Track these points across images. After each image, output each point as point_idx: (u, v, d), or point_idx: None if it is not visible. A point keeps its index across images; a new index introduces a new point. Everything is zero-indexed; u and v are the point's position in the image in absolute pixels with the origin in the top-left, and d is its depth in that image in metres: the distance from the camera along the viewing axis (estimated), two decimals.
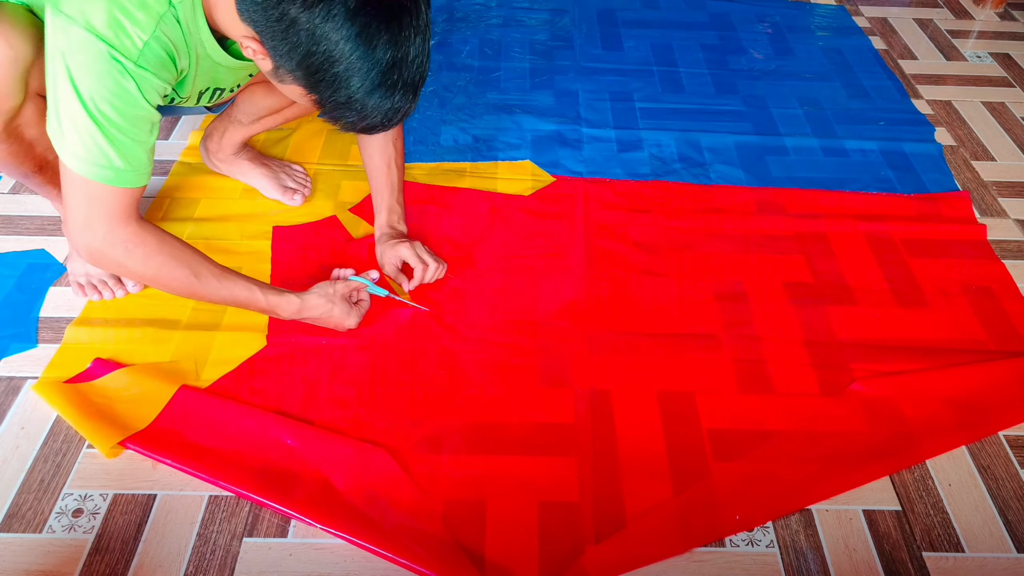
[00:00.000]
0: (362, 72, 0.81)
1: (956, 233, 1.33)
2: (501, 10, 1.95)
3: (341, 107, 0.85)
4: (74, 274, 1.17)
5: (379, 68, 0.82)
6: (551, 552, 0.89)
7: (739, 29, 1.91)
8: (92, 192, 0.88)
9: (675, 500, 0.94)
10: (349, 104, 0.85)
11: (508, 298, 1.19)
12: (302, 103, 0.90)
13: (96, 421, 0.98)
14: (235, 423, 1.00)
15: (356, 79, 0.82)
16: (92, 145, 0.84)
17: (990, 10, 2.02)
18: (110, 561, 0.87)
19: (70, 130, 0.84)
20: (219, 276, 0.99)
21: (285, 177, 1.36)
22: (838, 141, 1.54)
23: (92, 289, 1.16)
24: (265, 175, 1.34)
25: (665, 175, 1.44)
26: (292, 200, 1.33)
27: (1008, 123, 1.62)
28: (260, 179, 1.34)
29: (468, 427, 1.01)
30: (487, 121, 1.56)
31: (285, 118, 1.25)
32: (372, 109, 0.85)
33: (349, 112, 0.86)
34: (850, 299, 1.21)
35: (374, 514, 0.91)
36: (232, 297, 1.01)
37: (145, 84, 0.85)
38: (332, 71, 0.81)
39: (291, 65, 0.82)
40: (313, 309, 1.06)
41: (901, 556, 0.90)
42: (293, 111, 1.24)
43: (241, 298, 1.02)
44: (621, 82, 1.70)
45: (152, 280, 0.97)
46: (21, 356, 1.08)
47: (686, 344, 1.13)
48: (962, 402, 1.06)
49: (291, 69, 0.83)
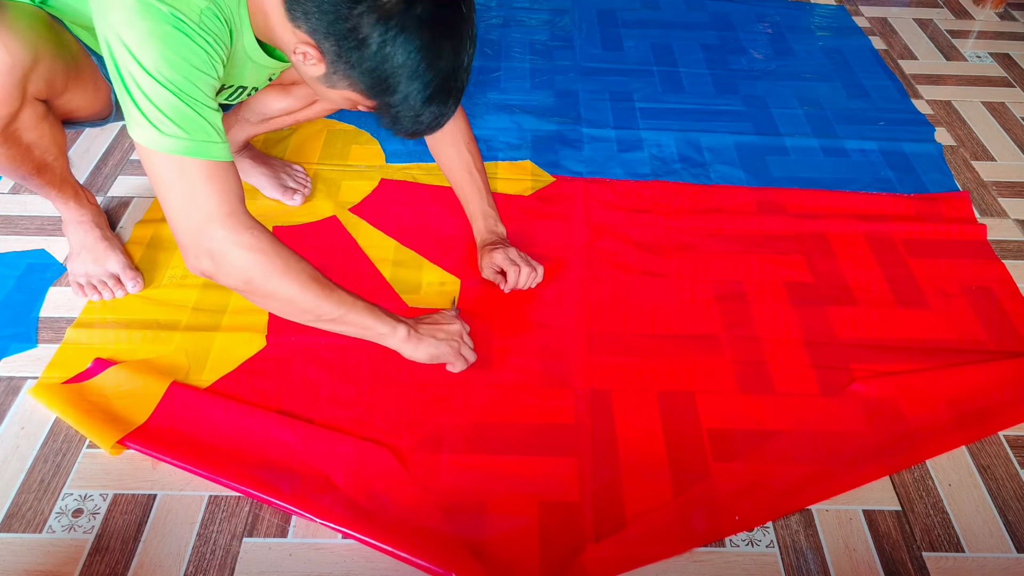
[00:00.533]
0: (426, 81, 0.82)
1: (956, 233, 1.33)
2: (501, 10, 1.95)
3: (395, 113, 0.85)
4: (74, 274, 1.17)
5: (441, 77, 0.82)
6: (551, 552, 0.89)
7: (739, 29, 1.91)
8: (199, 175, 0.81)
9: (675, 500, 0.94)
10: (405, 110, 0.84)
11: (508, 298, 1.19)
12: (344, 106, 0.90)
13: (95, 420, 0.98)
14: (235, 421, 1.00)
15: (418, 87, 0.82)
16: (187, 122, 0.80)
17: (990, 10, 2.02)
18: (110, 561, 0.87)
19: (153, 113, 0.78)
20: (342, 299, 0.93)
21: (285, 177, 1.35)
22: (838, 141, 1.54)
23: (92, 289, 1.16)
24: (265, 174, 1.34)
25: (665, 175, 1.44)
26: (292, 200, 1.33)
27: (1008, 123, 1.62)
28: (260, 178, 1.34)
29: (468, 427, 1.01)
30: (487, 121, 1.56)
31: (296, 120, 1.24)
32: (427, 115, 0.86)
33: (403, 118, 0.86)
34: (850, 299, 1.21)
35: (374, 509, 0.91)
36: (358, 326, 0.97)
37: (209, 49, 0.81)
38: (397, 80, 0.81)
39: (354, 73, 0.81)
40: (446, 355, 1.04)
41: (901, 556, 0.90)
42: (305, 114, 1.23)
43: (362, 325, 0.97)
44: (621, 82, 1.70)
45: (266, 296, 0.89)
46: (21, 356, 1.08)
47: (686, 344, 1.13)
48: (962, 402, 1.06)
49: (351, 76, 0.82)
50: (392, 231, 1.30)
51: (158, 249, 1.25)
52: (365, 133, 1.51)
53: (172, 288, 1.18)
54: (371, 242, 1.28)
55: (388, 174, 1.42)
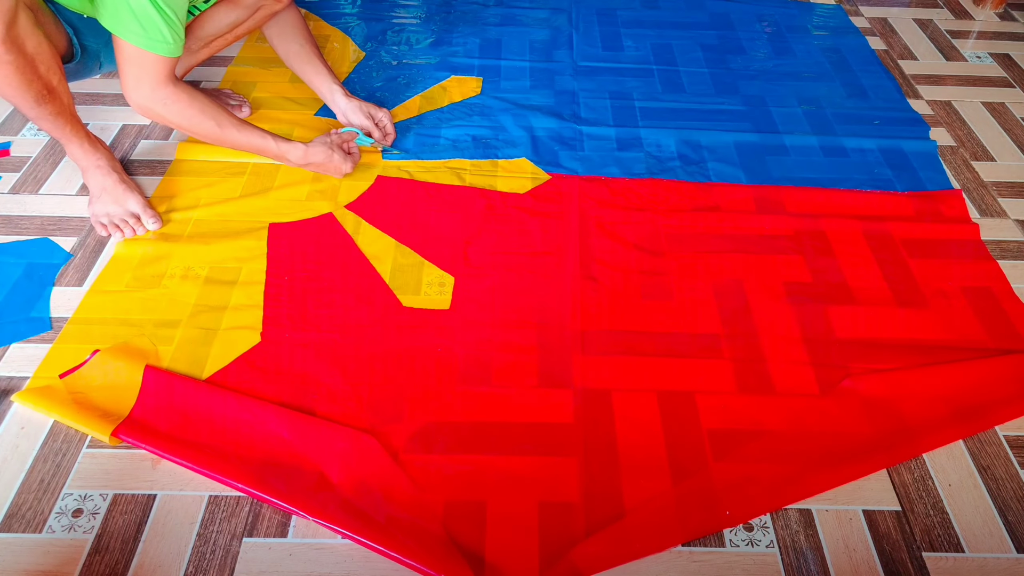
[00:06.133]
0: None
1: (952, 232, 1.33)
2: (500, 8, 1.95)
3: None
4: (96, 215, 1.27)
5: None
6: (551, 552, 0.89)
7: (738, 29, 1.91)
8: (144, 61, 1.12)
9: (670, 493, 0.94)
10: None
11: (504, 296, 1.19)
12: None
13: (86, 415, 0.99)
14: (233, 415, 1.00)
15: None
16: (151, 24, 1.08)
17: (990, 10, 2.02)
18: (110, 561, 0.87)
19: (126, 14, 1.07)
20: (238, 126, 1.25)
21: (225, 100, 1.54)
22: (837, 140, 1.54)
23: (115, 228, 1.26)
24: None
25: (663, 174, 1.44)
26: (241, 113, 1.54)
27: (1008, 123, 1.62)
28: None
29: (467, 426, 1.01)
30: (487, 120, 1.56)
31: (237, 36, 1.35)
32: None
33: None
34: (849, 298, 1.21)
35: (368, 508, 0.91)
36: (249, 143, 1.27)
37: None
38: None
39: None
40: (316, 155, 1.32)
41: (901, 556, 0.91)
42: (246, 26, 1.33)
43: (256, 144, 1.28)
44: (620, 81, 1.70)
45: (187, 129, 1.22)
46: (20, 356, 1.08)
47: (685, 343, 1.13)
48: (959, 397, 1.06)
49: None
50: (388, 228, 1.30)
51: None
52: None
53: (172, 287, 1.18)
54: (367, 239, 1.28)
55: (384, 171, 1.42)
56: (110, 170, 1.27)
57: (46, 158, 1.43)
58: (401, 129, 1.52)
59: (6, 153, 1.43)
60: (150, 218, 1.27)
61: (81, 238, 1.26)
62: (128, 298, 1.16)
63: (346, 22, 1.88)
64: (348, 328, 1.13)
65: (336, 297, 1.18)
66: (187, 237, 1.27)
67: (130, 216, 1.26)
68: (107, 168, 1.27)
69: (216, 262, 1.22)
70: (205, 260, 1.23)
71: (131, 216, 1.26)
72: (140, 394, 1.02)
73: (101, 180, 1.27)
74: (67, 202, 1.33)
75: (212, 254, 1.24)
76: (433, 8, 1.95)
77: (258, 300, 1.17)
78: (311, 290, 1.18)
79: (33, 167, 1.40)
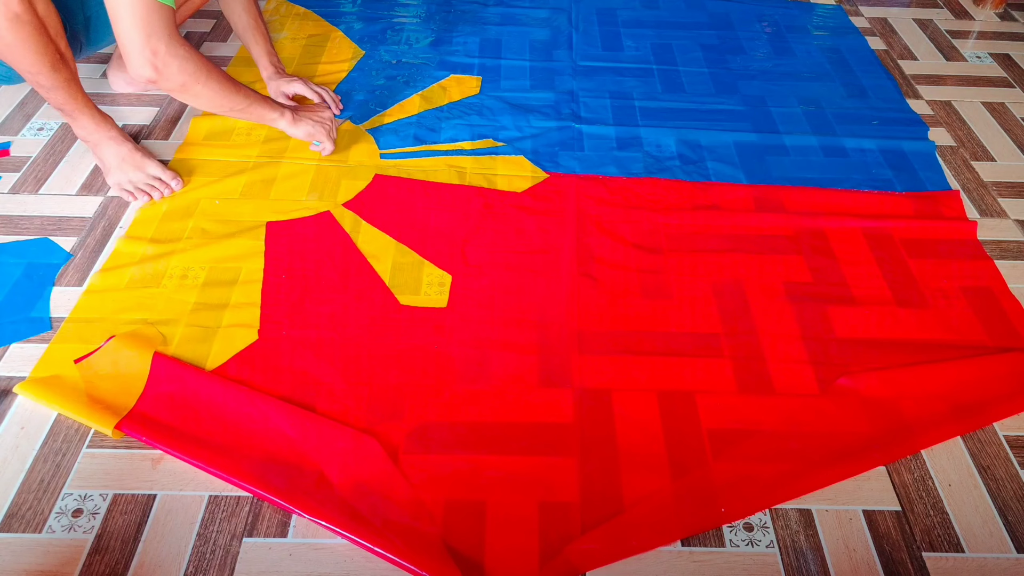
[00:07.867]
0: None
1: (951, 231, 1.33)
2: (500, 8, 1.95)
3: None
4: (118, 184, 1.30)
5: None
6: (551, 553, 0.89)
7: (738, 29, 1.91)
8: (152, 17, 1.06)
9: (667, 489, 0.94)
10: None
11: (502, 295, 1.19)
12: None
13: (90, 407, 0.99)
14: (235, 408, 1.00)
15: None
16: None
17: (990, 10, 2.02)
18: (110, 561, 0.87)
19: None
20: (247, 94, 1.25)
21: None
22: (837, 140, 1.54)
23: (141, 193, 1.30)
24: None
25: (662, 173, 1.44)
26: None
27: (1008, 123, 1.62)
28: None
29: (466, 426, 1.01)
30: (486, 119, 1.56)
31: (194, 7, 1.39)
32: None
33: None
34: (849, 297, 1.21)
35: (365, 510, 0.91)
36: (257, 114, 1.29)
37: None
38: None
39: None
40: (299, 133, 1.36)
41: (901, 556, 0.91)
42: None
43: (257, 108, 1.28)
44: (620, 81, 1.70)
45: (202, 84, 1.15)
46: (20, 356, 1.08)
47: (684, 343, 1.13)
48: (957, 394, 1.06)
49: None
50: (386, 226, 1.30)
51: None
52: (360, 129, 1.52)
53: (172, 286, 1.18)
54: (365, 237, 1.28)
55: (382, 169, 1.42)
56: (123, 140, 1.31)
57: (46, 158, 1.43)
58: (401, 127, 1.52)
59: (6, 153, 1.43)
60: (172, 179, 1.32)
61: (81, 238, 1.26)
62: (127, 296, 1.16)
63: (346, 21, 1.88)
64: (346, 326, 1.13)
65: (334, 295, 1.18)
66: (186, 237, 1.27)
67: (153, 179, 1.31)
68: (120, 138, 1.31)
69: (215, 261, 1.22)
70: (204, 259, 1.23)
71: (154, 179, 1.31)
72: (148, 383, 1.02)
73: (116, 150, 1.30)
74: (67, 202, 1.33)
75: (211, 253, 1.24)
76: (433, 7, 1.95)
77: (255, 298, 1.17)
78: (309, 288, 1.19)
79: (33, 167, 1.40)
